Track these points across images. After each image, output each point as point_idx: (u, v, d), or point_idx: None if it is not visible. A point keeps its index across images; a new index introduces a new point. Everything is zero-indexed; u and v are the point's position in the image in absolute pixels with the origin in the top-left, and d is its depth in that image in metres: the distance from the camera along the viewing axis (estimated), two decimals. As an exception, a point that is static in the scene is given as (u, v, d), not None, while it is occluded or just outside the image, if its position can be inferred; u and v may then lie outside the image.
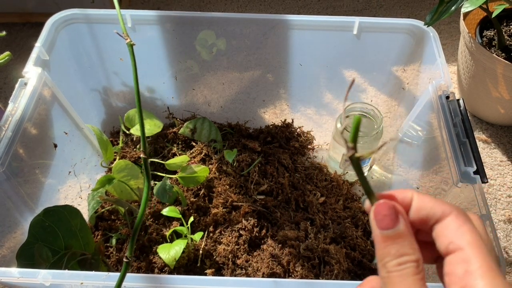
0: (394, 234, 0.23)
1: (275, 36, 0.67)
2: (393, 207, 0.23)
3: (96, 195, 0.66)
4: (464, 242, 0.22)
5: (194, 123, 0.76)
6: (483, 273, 0.21)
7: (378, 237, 0.23)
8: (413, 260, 0.22)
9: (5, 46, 0.95)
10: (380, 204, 0.24)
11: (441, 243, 0.23)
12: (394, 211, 0.23)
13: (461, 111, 0.55)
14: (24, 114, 0.54)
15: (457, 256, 0.22)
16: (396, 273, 0.22)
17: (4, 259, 0.52)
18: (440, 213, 0.24)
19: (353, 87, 0.74)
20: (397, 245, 0.23)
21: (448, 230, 0.23)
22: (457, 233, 0.23)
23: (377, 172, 0.77)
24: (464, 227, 0.23)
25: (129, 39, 0.29)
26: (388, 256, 0.23)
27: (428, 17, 0.60)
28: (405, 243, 0.23)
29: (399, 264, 0.22)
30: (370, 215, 0.24)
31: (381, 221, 0.23)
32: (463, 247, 0.22)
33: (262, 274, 0.60)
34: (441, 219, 0.24)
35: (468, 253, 0.22)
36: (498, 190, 0.79)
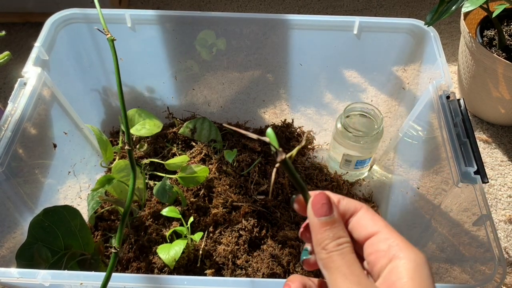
0: (330, 220, 0.26)
1: (275, 36, 0.67)
2: (328, 197, 0.27)
3: (95, 195, 0.65)
4: (380, 226, 0.27)
5: (194, 123, 0.76)
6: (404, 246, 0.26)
7: (316, 224, 0.26)
8: (349, 241, 0.26)
9: (5, 46, 0.95)
10: (318, 195, 0.27)
11: (359, 232, 0.27)
12: (329, 201, 0.27)
13: (462, 111, 0.54)
14: (23, 114, 0.54)
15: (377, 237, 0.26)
16: (336, 252, 0.25)
17: (4, 259, 0.52)
18: (353, 208, 0.28)
19: (354, 86, 0.74)
20: (334, 229, 0.26)
21: (364, 220, 0.27)
22: (372, 221, 0.27)
23: (377, 172, 0.77)
24: (375, 216, 0.27)
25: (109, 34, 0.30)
26: (327, 239, 0.26)
27: (428, 17, 0.60)
28: (339, 227, 0.26)
29: (338, 245, 0.26)
30: (308, 205, 0.27)
31: (319, 209, 0.26)
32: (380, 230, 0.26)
33: (262, 274, 0.60)
34: (355, 213, 0.28)
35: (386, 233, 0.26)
36: (499, 190, 0.79)
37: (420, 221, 0.61)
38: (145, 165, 0.73)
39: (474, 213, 0.48)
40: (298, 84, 0.75)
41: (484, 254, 0.45)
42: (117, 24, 0.65)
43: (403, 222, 0.66)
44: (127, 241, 0.65)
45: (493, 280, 0.42)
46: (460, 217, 0.52)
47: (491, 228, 0.45)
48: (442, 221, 0.56)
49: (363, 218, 0.27)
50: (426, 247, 0.58)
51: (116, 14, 0.64)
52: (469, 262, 0.49)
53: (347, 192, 0.73)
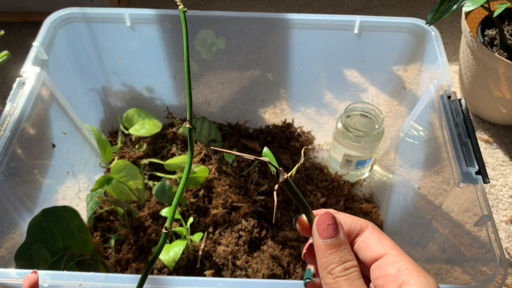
0: (336, 242, 0.25)
1: (275, 35, 0.66)
2: (334, 217, 0.25)
3: (95, 196, 0.65)
4: (388, 247, 0.25)
5: (194, 123, 0.76)
6: (414, 271, 0.24)
7: (321, 247, 0.25)
8: (356, 265, 0.25)
9: (4, 45, 0.95)
10: (323, 215, 0.25)
11: (366, 253, 0.26)
12: (335, 221, 0.25)
13: (463, 111, 0.54)
14: (22, 114, 0.54)
15: (385, 260, 0.25)
16: (343, 278, 0.24)
17: (3, 260, 0.51)
18: (359, 226, 0.26)
19: (354, 86, 0.74)
20: (341, 251, 0.24)
21: (371, 241, 0.26)
22: (379, 242, 0.26)
23: (378, 172, 0.77)
24: (382, 236, 0.26)
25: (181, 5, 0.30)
26: (333, 263, 0.24)
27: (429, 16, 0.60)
28: (346, 250, 0.25)
29: (345, 269, 0.24)
30: (313, 226, 0.25)
31: (325, 231, 0.25)
32: (388, 252, 0.25)
33: (262, 275, 0.60)
34: (360, 233, 0.26)
35: (394, 256, 0.25)
36: (500, 190, 0.78)
37: (421, 222, 0.61)
38: (144, 165, 0.73)
39: (475, 214, 0.47)
40: (298, 84, 0.74)
41: (485, 255, 0.45)
42: (116, 24, 0.65)
43: (404, 222, 0.66)
44: (126, 242, 0.65)
45: (494, 281, 0.42)
46: (461, 217, 0.52)
47: (492, 229, 0.45)
48: (443, 222, 0.55)
49: (369, 238, 0.26)
50: (427, 248, 0.58)
51: (115, 14, 0.64)
52: (470, 263, 0.48)
53: (348, 192, 0.73)
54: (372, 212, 0.71)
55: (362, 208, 0.71)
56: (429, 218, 0.58)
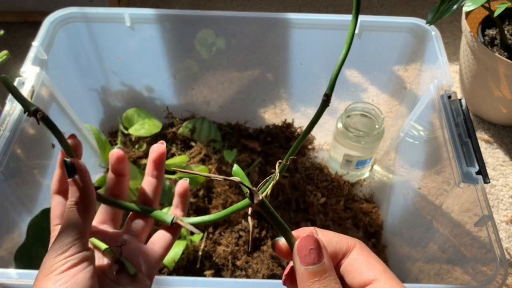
0: (320, 269, 0.22)
1: (275, 35, 0.66)
2: (317, 240, 0.23)
3: (94, 196, 0.65)
4: (377, 272, 0.23)
5: (194, 123, 0.76)
6: None
7: (303, 275, 0.22)
8: None
9: (3, 45, 0.94)
10: (304, 238, 0.23)
11: (353, 277, 0.23)
12: (319, 245, 0.23)
13: (463, 110, 0.54)
14: (22, 114, 0.54)
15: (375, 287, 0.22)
16: None
17: (2, 260, 0.51)
18: (346, 246, 0.24)
19: (354, 86, 0.74)
20: (325, 280, 0.22)
21: (358, 263, 0.23)
22: (368, 265, 0.23)
23: (378, 172, 0.77)
24: (370, 258, 0.23)
25: None
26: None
27: (429, 16, 0.59)
28: (331, 278, 0.22)
29: None
30: (294, 251, 0.23)
31: (306, 257, 0.22)
32: (377, 278, 0.23)
33: (262, 275, 0.59)
34: (347, 252, 0.24)
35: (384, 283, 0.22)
36: (500, 190, 0.78)
37: (421, 222, 0.61)
38: (144, 165, 0.73)
39: (476, 214, 0.47)
40: (298, 84, 0.74)
41: (485, 255, 0.45)
42: (116, 23, 0.65)
43: (404, 222, 0.66)
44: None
45: (494, 281, 0.42)
46: (461, 217, 0.52)
47: (492, 229, 0.45)
48: (444, 222, 0.55)
49: (357, 260, 0.23)
50: (427, 248, 0.58)
51: (115, 13, 0.64)
52: (470, 263, 0.48)
53: (348, 192, 0.73)
54: (372, 212, 0.71)
55: (362, 208, 0.71)
56: (429, 218, 0.58)
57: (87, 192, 0.28)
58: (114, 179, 0.34)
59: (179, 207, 0.34)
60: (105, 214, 0.33)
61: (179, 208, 0.34)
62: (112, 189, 0.34)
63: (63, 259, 0.25)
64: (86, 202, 0.27)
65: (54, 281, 0.24)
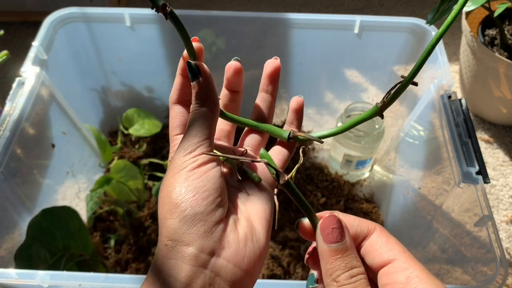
0: (342, 247, 0.23)
1: (275, 35, 0.66)
2: (339, 220, 0.24)
3: (94, 196, 0.65)
4: (396, 252, 0.24)
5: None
6: (425, 278, 0.22)
7: (326, 252, 0.23)
8: (363, 272, 0.23)
9: (3, 45, 0.94)
10: (327, 217, 0.24)
11: (373, 257, 0.24)
12: (341, 225, 0.24)
13: (463, 110, 0.54)
14: (22, 114, 0.54)
15: (394, 266, 0.23)
16: (350, 286, 0.22)
17: (2, 260, 0.51)
18: (366, 229, 0.25)
19: (354, 86, 0.74)
20: (347, 257, 0.23)
21: (378, 245, 0.24)
22: (388, 246, 0.24)
23: (378, 172, 0.77)
24: (390, 239, 0.24)
25: None
26: (338, 269, 0.23)
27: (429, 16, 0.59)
28: (353, 256, 0.23)
29: (351, 277, 0.23)
30: (317, 230, 0.24)
31: (329, 235, 0.23)
32: (397, 258, 0.23)
33: (262, 275, 0.59)
34: (368, 236, 0.25)
35: (403, 262, 0.23)
36: (500, 190, 0.78)
37: (421, 222, 0.61)
38: (144, 165, 0.73)
39: (476, 214, 0.47)
40: (298, 84, 0.74)
41: (485, 255, 0.45)
42: (116, 23, 0.65)
43: (404, 222, 0.66)
44: (126, 242, 0.65)
45: (494, 281, 0.42)
46: (461, 217, 0.52)
47: (492, 229, 0.45)
48: (444, 222, 0.55)
49: (377, 242, 0.24)
50: (427, 248, 0.58)
51: (115, 13, 0.64)
52: (470, 263, 0.48)
53: (348, 192, 0.73)
54: (372, 212, 0.71)
55: (362, 208, 0.71)
56: (429, 218, 0.58)
57: (211, 94, 0.28)
58: (228, 96, 0.33)
59: (294, 124, 0.33)
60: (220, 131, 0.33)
61: (293, 125, 0.33)
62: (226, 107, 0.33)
63: (192, 157, 0.25)
64: (211, 104, 0.27)
65: (186, 176, 0.25)
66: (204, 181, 0.25)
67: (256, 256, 0.25)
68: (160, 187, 0.26)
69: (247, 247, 0.25)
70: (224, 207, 0.25)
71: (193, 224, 0.24)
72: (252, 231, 0.26)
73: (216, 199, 0.25)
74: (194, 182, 0.25)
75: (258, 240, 0.26)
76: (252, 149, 0.32)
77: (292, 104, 0.34)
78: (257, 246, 0.25)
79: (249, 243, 0.25)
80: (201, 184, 0.25)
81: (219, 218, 0.25)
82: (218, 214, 0.25)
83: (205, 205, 0.24)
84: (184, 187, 0.24)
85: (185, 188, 0.24)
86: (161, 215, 0.25)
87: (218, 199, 0.25)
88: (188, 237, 0.24)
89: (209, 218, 0.24)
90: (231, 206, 0.27)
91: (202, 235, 0.24)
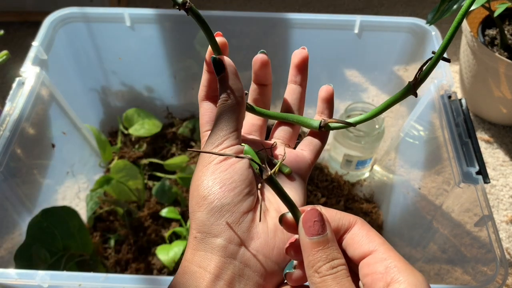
0: (323, 239, 0.24)
1: (275, 35, 0.66)
2: (321, 213, 0.24)
3: (94, 196, 0.65)
4: (376, 244, 0.24)
5: (194, 122, 0.76)
6: (403, 268, 0.23)
7: (307, 244, 0.24)
8: (344, 263, 0.24)
9: (3, 45, 0.94)
10: (309, 211, 0.24)
11: (354, 249, 0.25)
12: (322, 218, 0.24)
13: (463, 110, 0.54)
14: (21, 114, 0.54)
15: (374, 257, 0.24)
16: (331, 276, 0.23)
17: (2, 260, 0.51)
18: (348, 223, 0.25)
19: (355, 86, 0.74)
20: (328, 249, 0.24)
21: (359, 237, 0.25)
22: (368, 238, 0.24)
23: (378, 172, 0.77)
24: (371, 232, 0.25)
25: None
26: (319, 261, 0.23)
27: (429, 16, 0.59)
28: (333, 248, 0.24)
29: (332, 268, 0.23)
30: (299, 223, 0.24)
31: (310, 228, 0.24)
32: (377, 249, 0.24)
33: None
34: (349, 228, 0.25)
35: (383, 253, 0.24)
36: (501, 190, 0.78)
37: (422, 222, 0.61)
38: (144, 165, 0.73)
39: (476, 214, 0.47)
40: (298, 84, 0.74)
41: (485, 255, 0.45)
42: (116, 23, 0.65)
43: (404, 222, 0.66)
44: (126, 242, 0.65)
45: (494, 281, 0.42)
46: (461, 217, 0.52)
47: (492, 229, 0.45)
48: (444, 222, 0.55)
49: (357, 234, 0.25)
50: (428, 248, 0.58)
51: (115, 13, 0.64)
52: (470, 263, 0.48)
53: (348, 192, 0.73)
54: (372, 212, 0.71)
55: (362, 208, 0.71)
56: (429, 218, 0.58)
57: (237, 87, 0.28)
58: (257, 90, 0.33)
59: (325, 113, 0.33)
60: (251, 125, 0.33)
61: (324, 114, 0.33)
62: (255, 101, 0.33)
63: (219, 150, 0.26)
64: (237, 97, 0.27)
65: (214, 169, 0.25)
66: (230, 173, 0.25)
67: None
68: (191, 182, 0.27)
69: (277, 238, 0.25)
70: (252, 198, 0.26)
71: (220, 215, 0.24)
72: None
73: (243, 190, 0.25)
74: (221, 174, 0.25)
75: None
76: (283, 141, 0.32)
77: (321, 93, 0.33)
78: (287, 236, 0.26)
79: (279, 234, 0.26)
80: (227, 176, 0.25)
81: (247, 209, 0.25)
82: (246, 205, 0.25)
83: (232, 196, 0.25)
84: (212, 179, 0.25)
85: (212, 181, 0.25)
86: (191, 208, 0.26)
87: (246, 190, 0.25)
88: (216, 229, 0.24)
89: (237, 209, 0.25)
90: (260, 197, 0.27)
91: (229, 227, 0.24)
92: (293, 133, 0.33)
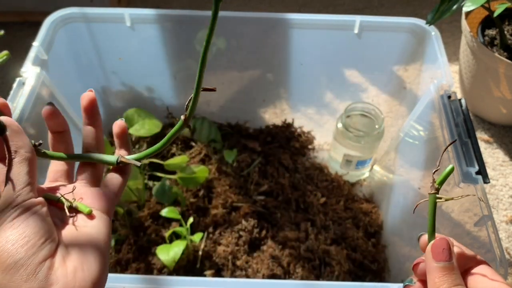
0: (449, 266, 0.27)
1: (275, 35, 0.66)
2: (449, 243, 0.28)
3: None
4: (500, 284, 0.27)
5: (194, 123, 0.76)
6: None
7: (434, 268, 0.27)
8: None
9: (3, 45, 0.94)
10: (439, 239, 0.28)
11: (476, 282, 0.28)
12: (449, 247, 0.27)
13: (463, 111, 0.54)
14: (22, 114, 0.54)
15: None
16: None
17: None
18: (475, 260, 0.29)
19: (354, 86, 0.74)
20: (453, 275, 0.26)
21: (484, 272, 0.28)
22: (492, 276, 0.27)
23: (378, 172, 0.77)
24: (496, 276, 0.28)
25: None
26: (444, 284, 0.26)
27: (429, 16, 0.60)
28: (458, 275, 0.27)
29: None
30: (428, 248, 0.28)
31: (439, 254, 0.27)
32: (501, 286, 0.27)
33: (262, 275, 0.59)
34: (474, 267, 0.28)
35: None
36: (500, 190, 0.78)
37: (422, 222, 0.61)
38: (144, 165, 0.73)
39: (476, 214, 0.47)
40: (298, 84, 0.74)
41: (485, 255, 0.45)
42: (116, 23, 0.65)
43: (404, 222, 0.66)
44: (126, 242, 0.65)
45: (495, 282, 0.42)
46: (461, 217, 0.52)
47: (492, 229, 0.45)
48: (444, 222, 0.55)
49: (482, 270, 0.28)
50: (427, 248, 0.58)
51: (115, 13, 0.64)
52: (470, 263, 0.48)
53: (348, 192, 0.73)
54: (372, 212, 0.71)
55: (362, 208, 0.71)
56: (429, 218, 0.58)
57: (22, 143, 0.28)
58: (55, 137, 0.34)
59: (123, 147, 0.35)
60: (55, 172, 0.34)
61: (123, 149, 0.35)
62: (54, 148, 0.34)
63: (11, 208, 0.26)
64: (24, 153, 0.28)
65: (6, 228, 0.26)
66: (23, 229, 0.26)
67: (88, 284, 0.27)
68: None
69: (77, 278, 0.26)
70: (50, 245, 0.27)
71: (15, 271, 0.25)
72: (83, 261, 0.27)
73: (37, 241, 0.26)
74: (13, 231, 0.26)
75: (90, 268, 0.27)
76: (88, 182, 0.33)
77: (114, 130, 0.35)
78: (88, 274, 0.27)
79: (79, 273, 0.26)
80: (20, 231, 0.26)
81: (43, 258, 0.26)
82: (42, 254, 0.26)
83: (25, 250, 0.25)
84: (4, 239, 0.26)
85: (5, 240, 0.26)
86: None
87: (41, 240, 0.26)
88: (13, 285, 0.25)
89: (31, 261, 0.25)
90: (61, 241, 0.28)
91: (26, 279, 0.25)
92: (95, 172, 0.34)
